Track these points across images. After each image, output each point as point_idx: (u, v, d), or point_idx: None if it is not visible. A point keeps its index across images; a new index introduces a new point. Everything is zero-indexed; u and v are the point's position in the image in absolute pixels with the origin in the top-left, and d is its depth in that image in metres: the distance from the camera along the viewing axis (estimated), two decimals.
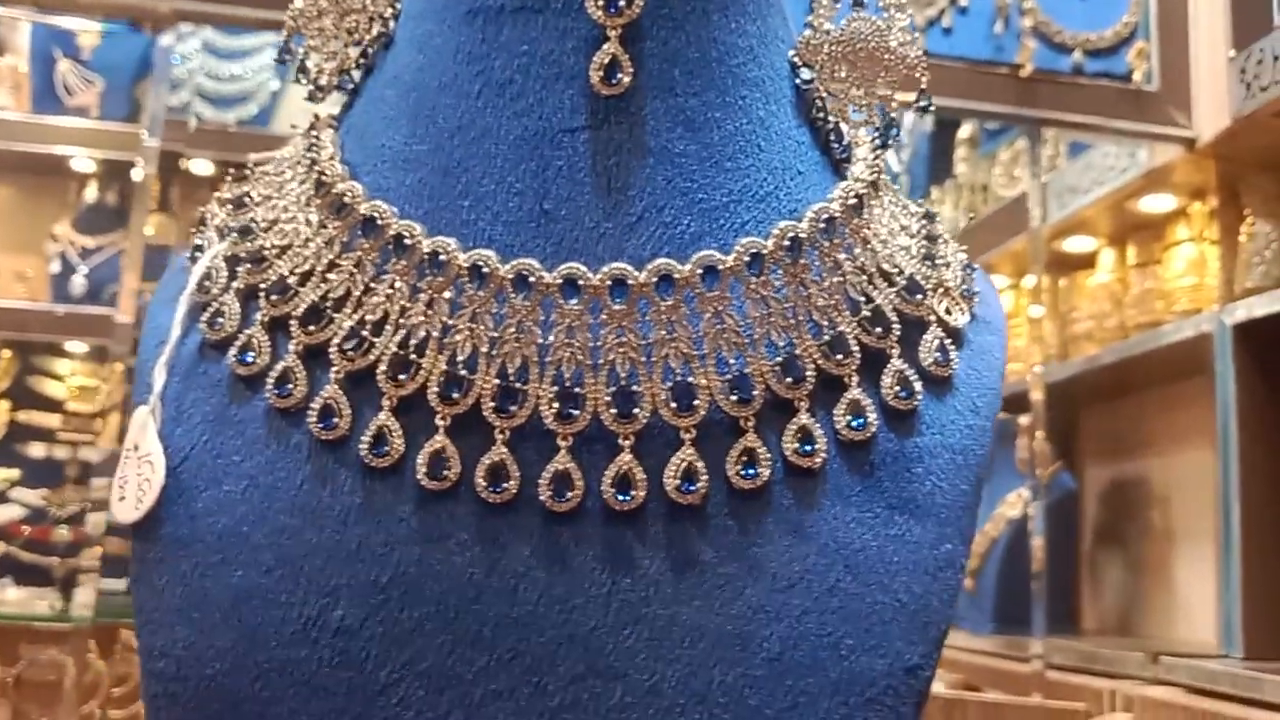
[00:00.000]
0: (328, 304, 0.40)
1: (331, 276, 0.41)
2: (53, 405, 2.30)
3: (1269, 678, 1.24)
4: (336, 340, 0.40)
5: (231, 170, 0.48)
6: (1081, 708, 1.48)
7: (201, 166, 2.24)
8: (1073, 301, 1.90)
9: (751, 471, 0.38)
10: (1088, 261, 1.89)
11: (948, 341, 0.42)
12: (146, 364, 0.43)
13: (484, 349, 0.39)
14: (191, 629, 0.38)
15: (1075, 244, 1.87)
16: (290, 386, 0.40)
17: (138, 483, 0.40)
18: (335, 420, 0.39)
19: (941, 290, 0.43)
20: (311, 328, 0.40)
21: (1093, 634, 1.94)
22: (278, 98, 2.33)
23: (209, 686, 0.37)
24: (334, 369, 0.39)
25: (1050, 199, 1.76)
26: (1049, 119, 1.44)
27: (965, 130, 2.15)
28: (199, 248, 0.45)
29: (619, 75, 0.40)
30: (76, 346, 2.30)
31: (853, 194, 0.42)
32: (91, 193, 2.37)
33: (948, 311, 0.43)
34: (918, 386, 0.41)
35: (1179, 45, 1.46)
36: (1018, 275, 2.01)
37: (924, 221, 0.46)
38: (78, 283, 2.29)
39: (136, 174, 1.35)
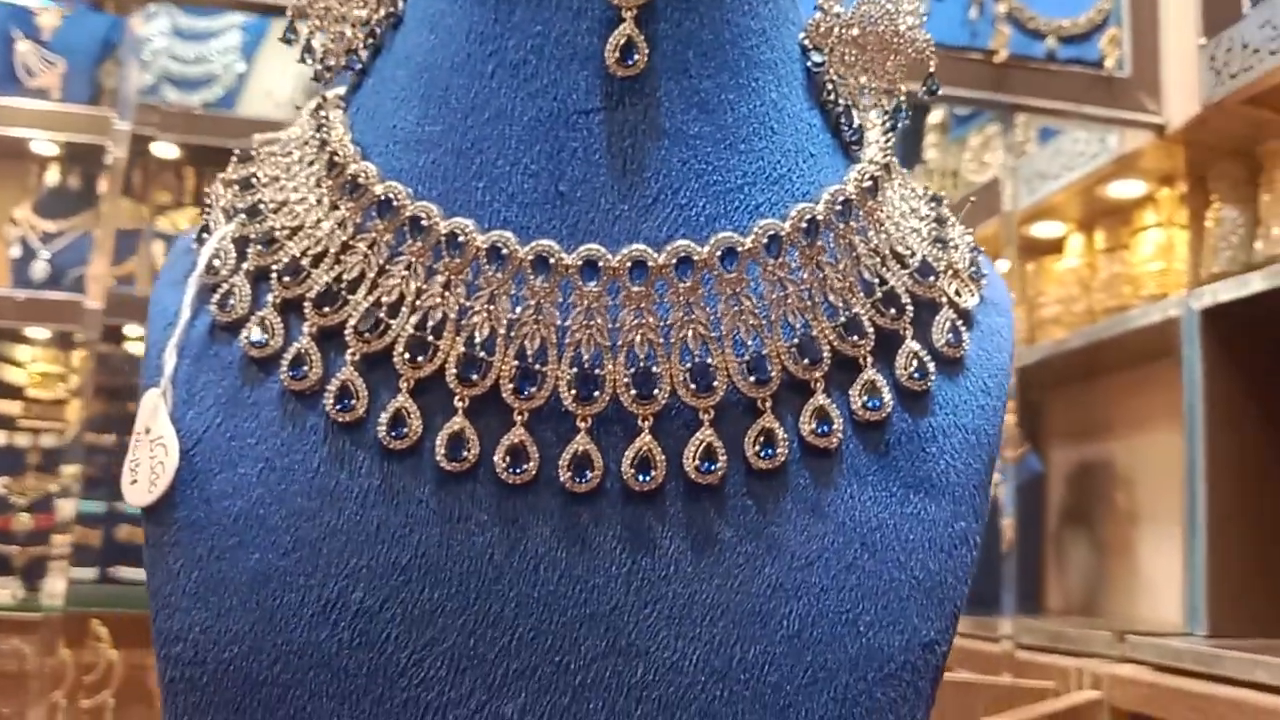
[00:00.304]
0: (342, 286, 0.40)
1: (345, 258, 0.41)
2: (13, 392, 2.26)
3: (1232, 654, 1.27)
4: (352, 322, 0.39)
5: (237, 151, 0.47)
6: (1050, 686, 1.51)
7: (165, 150, 2.21)
8: (1040, 286, 1.92)
9: (769, 451, 0.38)
10: (1056, 247, 1.91)
11: (959, 323, 0.43)
12: (155, 346, 0.42)
13: (502, 331, 0.39)
14: (208, 612, 0.38)
15: (1044, 229, 1.90)
16: (305, 369, 0.39)
17: (150, 466, 0.39)
18: (352, 402, 0.39)
19: (951, 272, 0.44)
20: (326, 309, 0.40)
21: (1058, 614, 1.97)
22: (243, 80, 2.30)
23: (228, 670, 0.37)
24: (350, 351, 0.39)
25: (1020, 184, 1.78)
26: (1022, 104, 1.45)
27: (935, 115, 2.17)
28: (206, 228, 0.45)
29: (635, 56, 0.40)
30: (38, 332, 2.26)
31: (868, 176, 0.42)
32: (53, 176, 2.32)
33: (957, 293, 0.43)
34: (931, 367, 0.41)
35: (1150, 32, 1.48)
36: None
37: (932, 204, 0.46)
38: (39, 267, 2.25)
39: (108, 158, 1.33)
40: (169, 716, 0.38)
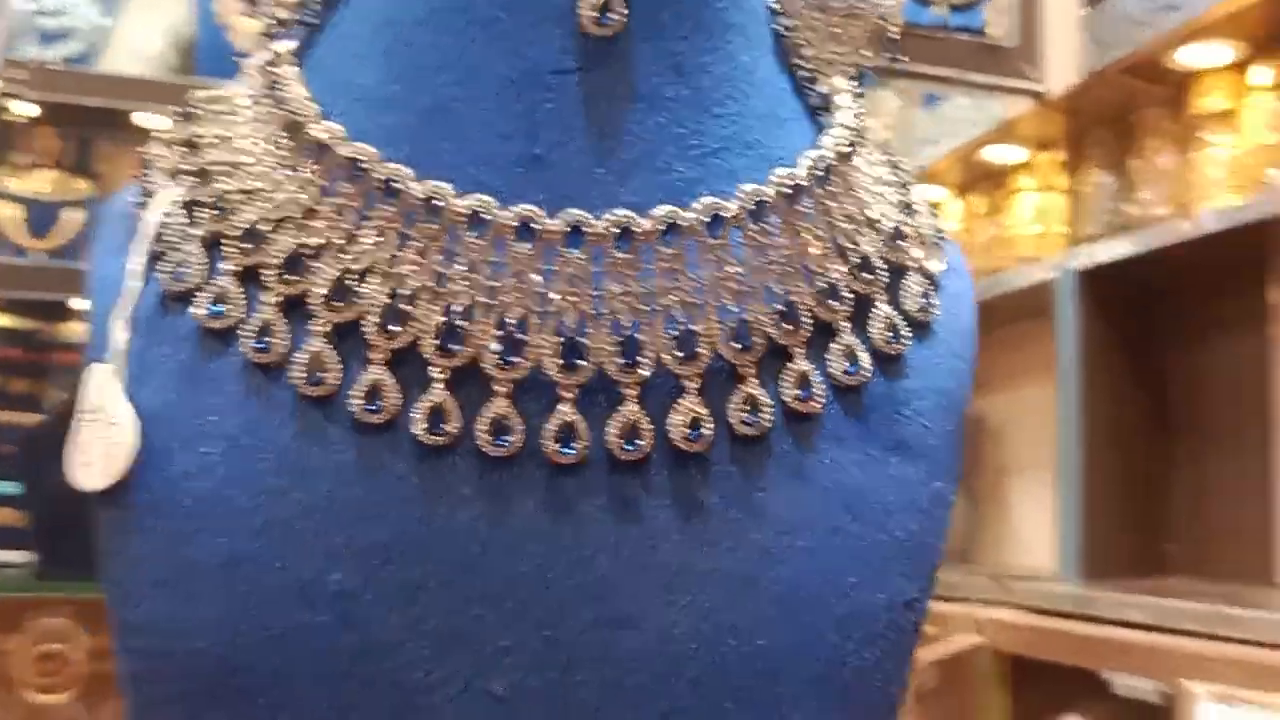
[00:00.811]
0: (306, 253, 0.38)
1: (309, 224, 0.38)
2: None
3: (1104, 595, 1.35)
4: (320, 291, 0.37)
5: (177, 109, 0.44)
6: (932, 631, 1.57)
7: (25, 108, 2.07)
8: None
9: (754, 418, 0.38)
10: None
11: (929, 287, 0.43)
12: (100, 318, 0.39)
13: (481, 300, 0.37)
14: (175, 600, 0.36)
15: (926, 194, 1.95)
16: (270, 340, 0.37)
17: (104, 447, 0.37)
18: (323, 375, 0.37)
19: (918, 238, 0.44)
20: (290, 278, 0.38)
21: None
22: (105, 35, 2.17)
23: (199, 660, 0.35)
24: (319, 321, 0.37)
25: (903, 150, 1.82)
26: (912, 71, 1.48)
27: None
28: (147, 192, 0.42)
29: (612, 15, 0.39)
30: None
31: (845, 141, 0.42)
32: None
33: (925, 258, 0.44)
34: (905, 331, 0.42)
35: (1034, 1, 1.52)
36: None
37: (895, 170, 0.47)
38: None
39: None
40: (133, 714, 0.36)
